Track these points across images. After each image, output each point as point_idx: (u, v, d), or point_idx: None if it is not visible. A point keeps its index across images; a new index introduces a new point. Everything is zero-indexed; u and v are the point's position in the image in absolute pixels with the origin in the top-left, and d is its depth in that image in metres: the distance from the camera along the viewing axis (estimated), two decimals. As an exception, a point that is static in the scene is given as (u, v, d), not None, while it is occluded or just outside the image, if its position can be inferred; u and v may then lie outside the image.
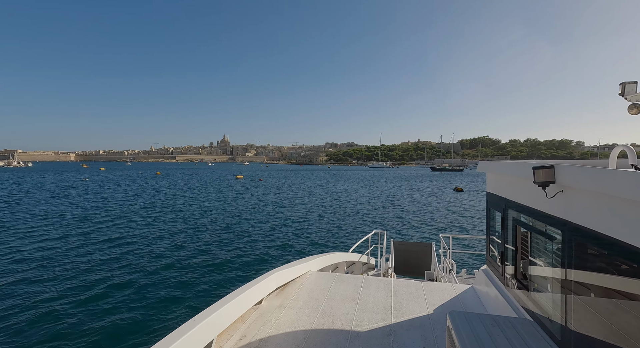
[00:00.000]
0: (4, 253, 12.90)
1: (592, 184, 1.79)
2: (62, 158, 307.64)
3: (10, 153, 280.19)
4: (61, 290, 9.26)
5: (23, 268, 11.09)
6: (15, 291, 9.11)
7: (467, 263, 12.08)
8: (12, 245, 14.03)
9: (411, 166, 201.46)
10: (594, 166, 1.87)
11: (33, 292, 9.06)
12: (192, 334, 2.32)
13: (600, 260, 1.82)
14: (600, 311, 1.77)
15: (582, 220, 1.94)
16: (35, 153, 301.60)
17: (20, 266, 11.21)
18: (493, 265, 3.76)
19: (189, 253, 13.19)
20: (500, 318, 2.63)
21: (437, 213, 25.08)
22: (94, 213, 22.49)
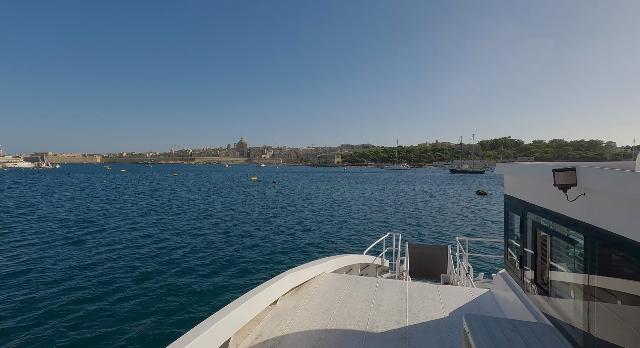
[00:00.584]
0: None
1: (616, 187, 1.74)
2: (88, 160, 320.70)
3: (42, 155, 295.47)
4: (65, 291, 9.32)
5: (20, 270, 11.04)
6: (15, 294, 9.14)
7: (485, 267, 11.69)
8: (7, 246, 14.04)
9: (429, 168, 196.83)
10: (619, 169, 1.81)
11: (34, 295, 9.04)
12: (211, 332, 2.37)
13: (625, 265, 1.76)
14: (626, 318, 1.72)
15: (606, 223, 1.88)
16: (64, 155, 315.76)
17: (17, 268, 11.19)
18: (512, 269, 3.70)
19: (204, 254, 13.22)
20: (519, 323, 2.58)
21: (459, 218, 23.40)
22: (105, 214, 22.44)
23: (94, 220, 20.55)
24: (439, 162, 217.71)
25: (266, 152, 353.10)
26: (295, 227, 19.36)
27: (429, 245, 9.22)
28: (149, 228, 18.31)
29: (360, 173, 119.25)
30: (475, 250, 13.99)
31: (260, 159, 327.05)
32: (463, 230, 18.84)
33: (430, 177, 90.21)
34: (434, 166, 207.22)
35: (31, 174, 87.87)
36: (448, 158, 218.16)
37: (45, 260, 12.30)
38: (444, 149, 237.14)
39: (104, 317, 7.83)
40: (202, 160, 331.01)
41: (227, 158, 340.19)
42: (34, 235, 16.42)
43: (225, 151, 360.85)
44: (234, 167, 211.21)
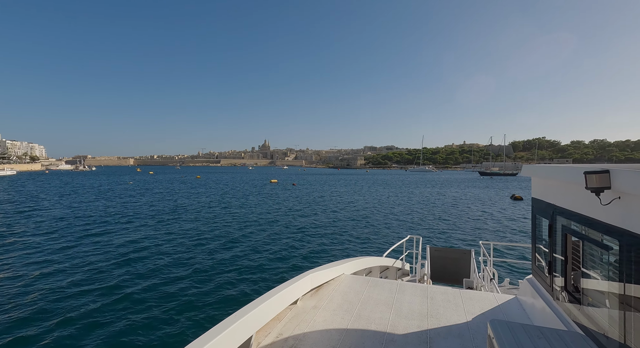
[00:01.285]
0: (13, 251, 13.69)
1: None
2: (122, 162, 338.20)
3: (82, 157, 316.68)
4: (88, 289, 9.59)
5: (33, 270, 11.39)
6: (35, 293, 9.35)
7: (510, 273, 11.34)
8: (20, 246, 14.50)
9: (456, 170, 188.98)
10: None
11: (58, 293, 9.30)
12: (234, 329, 2.41)
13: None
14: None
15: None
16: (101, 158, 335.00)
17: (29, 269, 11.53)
18: (540, 276, 3.61)
19: (223, 255, 13.44)
20: (547, 330, 2.49)
21: (494, 225, 21.07)
22: (124, 215, 22.77)
23: (109, 221, 20.71)
24: (467, 164, 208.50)
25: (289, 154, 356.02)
26: (313, 229, 19.15)
27: (451, 248, 8.93)
28: (166, 228, 18.68)
29: (383, 175, 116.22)
30: (501, 254, 13.35)
31: (283, 161, 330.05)
32: (499, 239, 17.38)
33: (458, 180, 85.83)
34: (462, 169, 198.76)
35: (68, 176, 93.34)
36: (477, 160, 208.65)
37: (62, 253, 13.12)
38: (472, 151, 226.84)
39: (126, 315, 7.99)
40: (228, 162, 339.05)
41: (251, 160, 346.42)
42: (42, 234, 16.55)
43: (250, 153, 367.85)
44: (257, 169, 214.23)
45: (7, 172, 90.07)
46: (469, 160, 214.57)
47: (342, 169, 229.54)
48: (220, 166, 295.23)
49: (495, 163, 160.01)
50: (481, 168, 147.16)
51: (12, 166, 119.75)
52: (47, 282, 10.10)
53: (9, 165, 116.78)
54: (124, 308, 8.38)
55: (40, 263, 12.03)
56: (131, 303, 8.69)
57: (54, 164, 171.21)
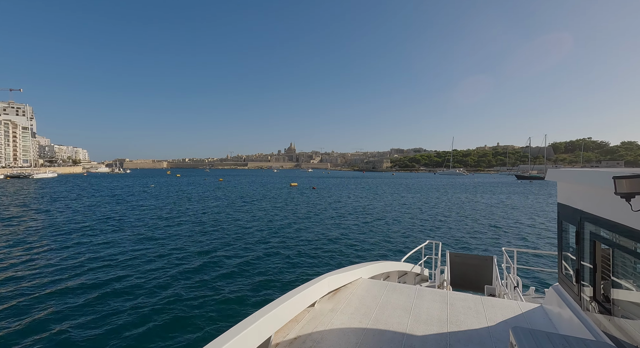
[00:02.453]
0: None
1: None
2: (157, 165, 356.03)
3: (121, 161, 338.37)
4: (104, 289, 9.90)
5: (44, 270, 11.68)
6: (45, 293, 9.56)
7: (535, 282, 10.99)
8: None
9: (489, 173, 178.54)
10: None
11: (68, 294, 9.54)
12: (254, 328, 2.42)
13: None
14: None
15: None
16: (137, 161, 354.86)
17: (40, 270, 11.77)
18: (567, 284, 3.52)
19: (240, 258, 13.56)
20: (574, 340, 2.39)
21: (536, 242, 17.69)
22: (130, 217, 22.39)
23: (117, 224, 20.27)
24: (501, 167, 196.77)
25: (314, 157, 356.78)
26: (329, 233, 19.15)
27: (471, 254, 8.66)
28: (180, 230, 19.26)
29: (409, 179, 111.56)
30: (525, 262, 12.93)
31: (309, 164, 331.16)
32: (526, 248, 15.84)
33: (493, 184, 79.71)
34: (495, 172, 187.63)
35: (102, 178, 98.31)
36: (512, 163, 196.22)
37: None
38: (507, 153, 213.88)
39: (148, 314, 8.18)
40: (254, 165, 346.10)
41: (277, 163, 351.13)
42: (38, 235, 16.24)
43: (276, 156, 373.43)
44: (282, 172, 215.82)
45: (48, 174, 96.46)
46: (503, 163, 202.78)
47: (367, 172, 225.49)
48: (247, 169, 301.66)
49: (534, 165, 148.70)
50: (517, 171, 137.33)
51: (56, 169, 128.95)
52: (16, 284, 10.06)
53: (51, 168, 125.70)
54: (139, 309, 8.47)
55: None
56: (146, 305, 8.78)
57: (94, 167, 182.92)
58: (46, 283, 10.21)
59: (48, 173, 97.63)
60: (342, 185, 70.65)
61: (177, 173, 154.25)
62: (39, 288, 9.77)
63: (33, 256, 13.25)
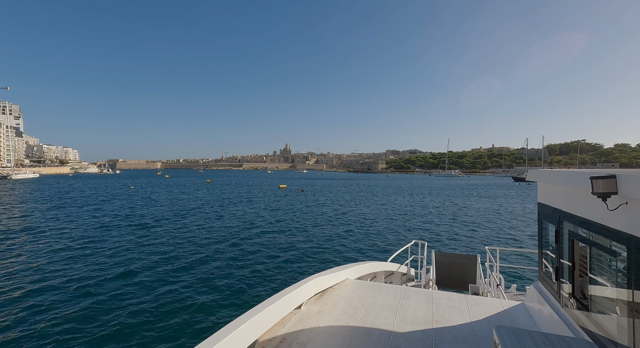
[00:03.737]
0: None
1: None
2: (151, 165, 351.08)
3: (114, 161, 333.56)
4: (67, 297, 9.38)
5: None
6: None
7: (518, 279, 11.27)
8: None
9: (485, 175, 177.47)
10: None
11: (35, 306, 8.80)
12: (238, 333, 2.38)
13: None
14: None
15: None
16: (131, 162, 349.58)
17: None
18: (547, 282, 3.61)
19: (227, 259, 13.48)
20: (554, 337, 2.47)
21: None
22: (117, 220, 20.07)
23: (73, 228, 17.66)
24: (497, 169, 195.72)
25: (310, 158, 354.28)
26: (316, 236, 18.90)
27: (456, 254, 8.66)
28: (158, 235, 18.38)
29: (404, 181, 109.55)
30: (507, 260, 13.59)
31: (304, 165, 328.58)
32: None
33: (490, 186, 77.82)
34: (491, 173, 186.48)
35: (87, 178, 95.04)
36: (507, 164, 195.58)
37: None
38: (502, 155, 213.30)
39: (126, 319, 7.96)
40: (249, 166, 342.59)
41: (272, 164, 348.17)
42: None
43: (271, 157, 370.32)
44: (276, 173, 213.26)
45: (29, 175, 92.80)
46: (499, 164, 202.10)
47: (362, 173, 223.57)
48: (241, 170, 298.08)
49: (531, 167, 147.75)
50: (514, 173, 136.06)
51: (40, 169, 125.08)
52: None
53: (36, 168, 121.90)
54: (120, 314, 8.23)
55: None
56: (128, 309, 8.54)
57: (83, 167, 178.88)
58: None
59: (29, 174, 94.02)
60: (333, 187, 68.29)
61: (170, 174, 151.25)
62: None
63: None
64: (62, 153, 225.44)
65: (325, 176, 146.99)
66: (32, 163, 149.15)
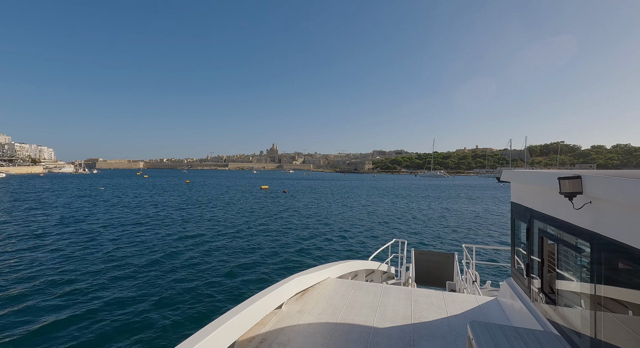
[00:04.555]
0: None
1: (622, 195, 1.74)
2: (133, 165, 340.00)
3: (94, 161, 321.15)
4: (44, 300, 9.03)
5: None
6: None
7: (493, 275, 11.62)
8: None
9: (470, 176, 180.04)
10: (627, 177, 1.81)
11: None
12: (216, 335, 2.35)
13: (631, 275, 1.76)
14: (633, 328, 1.72)
15: (612, 232, 1.87)
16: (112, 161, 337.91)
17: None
18: (518, 278, 3.73)
19: (208, 260, 13.25)
20: (523, 331, 2.58)
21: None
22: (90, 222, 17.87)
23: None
24: (480, 169, 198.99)
25: (297, 158, 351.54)
26: (296, 237, 18.70)
27: (435, 251, 8.94)
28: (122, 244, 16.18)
29: (390, 181, 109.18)
30: (484, 257, 13.93)
31: (291, 165, 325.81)
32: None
33: (476, 187, 78.21)
34: (475, 174, 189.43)
35: (59, 178, 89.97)
36: (491, 165, 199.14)
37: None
38: (486, 155, 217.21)
39: (104, 322, 7.81)
40: (235, 166, 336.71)
41: (258, 164, 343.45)
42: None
43: (257, 157, 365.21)
44: (261, 173, 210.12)
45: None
46: (482, 165, 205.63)
47: (349, 173, 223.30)
48: (227, 170, 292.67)
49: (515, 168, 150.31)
50: (497, 174, 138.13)
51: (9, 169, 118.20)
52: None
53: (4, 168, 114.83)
54: (93, 317, 8.02)
55: None
56: (104, 311, 8.32)
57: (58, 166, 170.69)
58: None
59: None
60: (317, 188, 66.68)
61: (150, 174, 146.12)
62: None
63: None
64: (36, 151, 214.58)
65: (311, 177, 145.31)
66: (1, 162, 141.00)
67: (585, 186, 2.09)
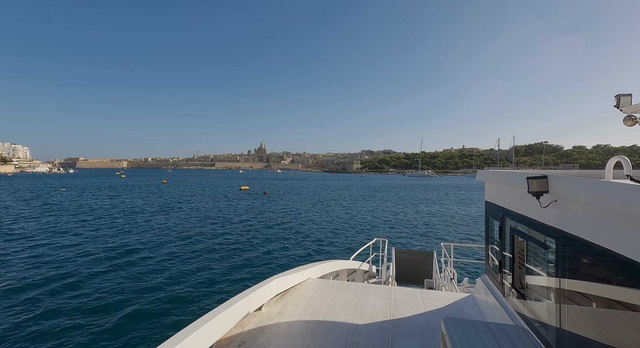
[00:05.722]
0: None
1: (584, 194, 1.82)
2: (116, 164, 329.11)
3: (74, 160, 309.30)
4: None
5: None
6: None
7: (471, 273, 12.00)
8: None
9: (456, 175, 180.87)
10: (588, 177, 1.89)
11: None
12: (192, 339, 2.32)
13: (592, 269, 1.84)
14: (595, 319, 1.79)
15: (575, 229, 1.96)
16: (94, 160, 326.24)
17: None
18: (492, 274, 3.82)
19: (184, 261, 13.12)
20: (493, 325, 2.65)
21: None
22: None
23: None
24: (467, 169, 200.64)
25: (285, 158, 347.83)
26: (275, 240, 18.39)
27: (415, 250, 9.12)
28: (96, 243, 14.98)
29: (378, 180, 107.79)
30: (462, 255, 14.35)
31: (280, 165, 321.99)
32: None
33: (463, 187, 77.27)
34: (462, 174, 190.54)
35: (27, 178, 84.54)
36: (477, 165, 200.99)
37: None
38: (473, 155, 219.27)
39: (82, 326, 7.71)
40: (223, 166, 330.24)
41: (246, 163, 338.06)
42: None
43: (245, 156, 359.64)
44: (248, 173, 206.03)
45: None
46: (469, 165, 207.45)
47: (336, 173, 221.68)
48: (213, 170, 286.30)
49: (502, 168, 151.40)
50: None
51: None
52: None
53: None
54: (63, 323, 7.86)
55: None
56: (70, 318, 8.13)
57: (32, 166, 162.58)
58: None
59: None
60: (303, 188, 64.23)
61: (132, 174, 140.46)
62: None
63: None
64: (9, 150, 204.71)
65: (298, 177, 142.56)
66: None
67: (551, 185, 2.19)
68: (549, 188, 2.21)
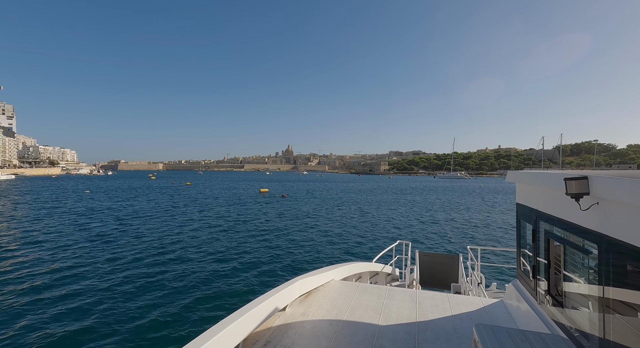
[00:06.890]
0: None
1: (630, 196, 1.72)
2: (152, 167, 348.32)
3: (116, 163, 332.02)
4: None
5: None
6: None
7: (498, 277, 11.41)
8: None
9: (492, 177, 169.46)
10: (636, 178, 1.78)
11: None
12: (220, 337, 2.36)
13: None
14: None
15: (620, 233, 1.84)
16: (133, 163, 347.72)
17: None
18: (524, 280, 3.69)
19: (210, 262, 13.23)
20: (530, 334, 2.55)
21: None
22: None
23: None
24: (504, 170, 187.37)
25: (312, 159, 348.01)
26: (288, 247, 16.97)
27: (439, 253, 8.78)
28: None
29: (406, 182, 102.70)
30: (488, 259, 13.81)
31: (306, 166, 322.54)
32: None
33: (501, 190, 70.65)
34: (499, 175, 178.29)
35: (66, 180, 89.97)
36: (516, 166, 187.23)
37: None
38: (510, 156, 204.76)
39: (106, 325, 7.83)
40: (251, 167, 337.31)
41: (274, 165, 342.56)
42: None
43: (273, 158, 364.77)
44: (274, 174, 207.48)
45: (2, 176, 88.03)
46: (507, 166, 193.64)
47: (363, 175, 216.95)
48: (241, 171, 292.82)
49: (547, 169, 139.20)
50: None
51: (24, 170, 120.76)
52: None
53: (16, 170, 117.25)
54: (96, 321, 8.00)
55: None
56: (108, 316, 8.31)
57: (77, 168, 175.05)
58: None
59: (2, 175, 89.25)
60: (325, 191, 61.69)
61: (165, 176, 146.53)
62: None
63: None
64: (59, 153, 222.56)
65: (324, 178, 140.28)
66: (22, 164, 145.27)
67: (592, 187, 2.06)
68: (589, 190, 2.07)
